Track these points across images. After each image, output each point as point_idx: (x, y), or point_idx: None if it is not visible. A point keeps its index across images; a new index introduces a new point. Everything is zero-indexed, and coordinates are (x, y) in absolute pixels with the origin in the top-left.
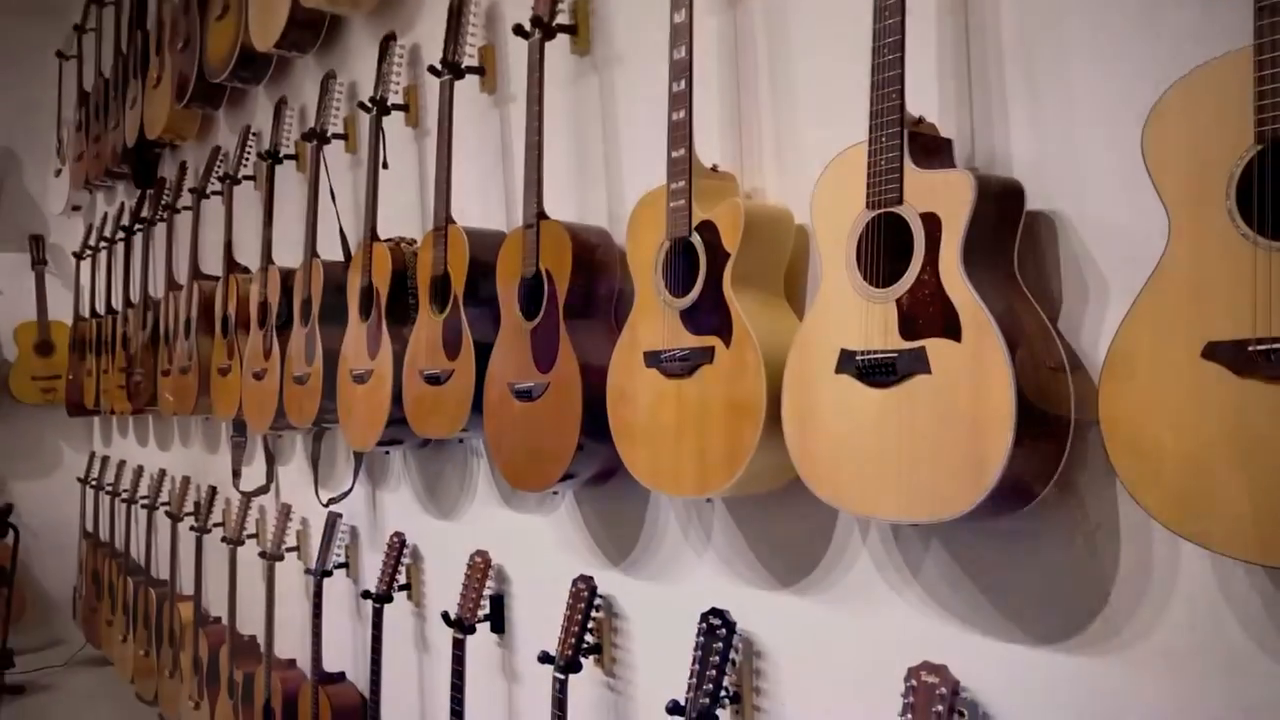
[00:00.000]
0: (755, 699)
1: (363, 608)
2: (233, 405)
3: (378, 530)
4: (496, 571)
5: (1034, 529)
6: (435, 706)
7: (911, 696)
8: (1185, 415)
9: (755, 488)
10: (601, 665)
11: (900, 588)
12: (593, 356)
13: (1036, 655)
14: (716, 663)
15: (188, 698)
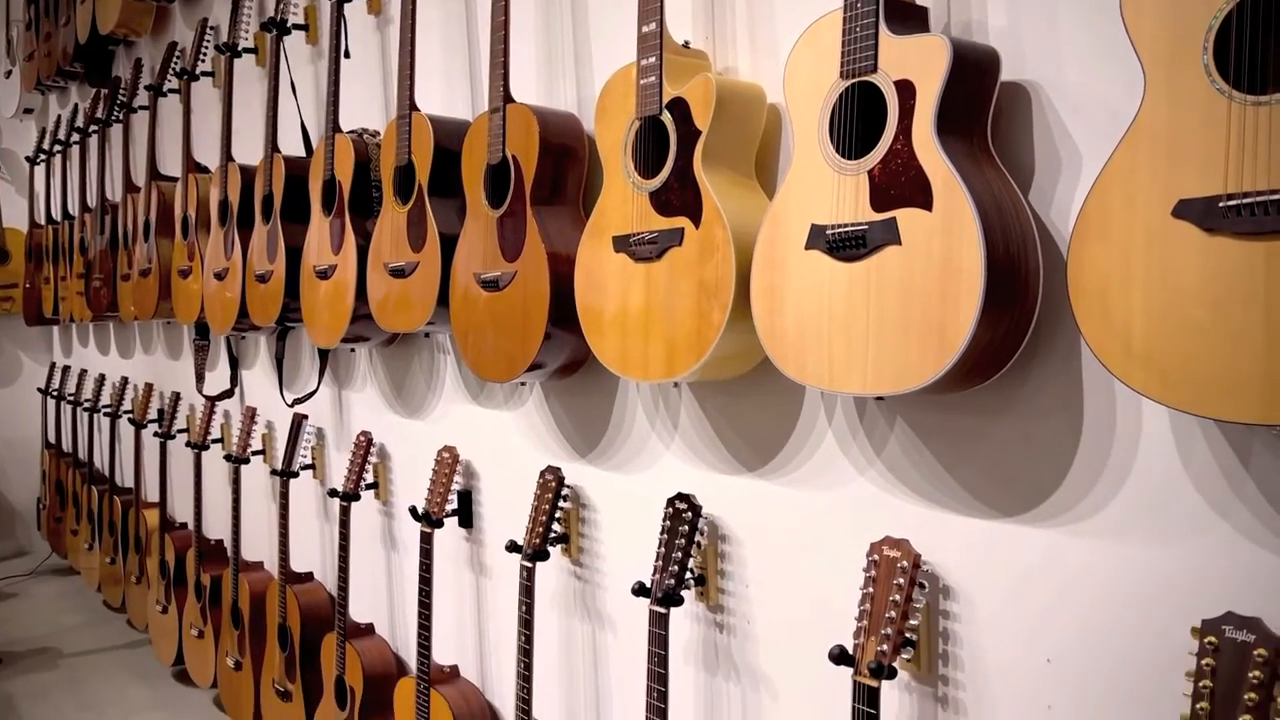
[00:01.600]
0: (720, 581)
1: (330, 508)
2: (194, 308)
3: (344, 431)
4: (464, 467)
5: (997, 403)
6: (404, 602)
7: (873, 570)
8: (1154, 275)
9: (722, 373)
10: (569, 554)
11: (863, 467)
12: (560, 244)
13: (997, 528)
14: (682, 545)
15: (155, 603)
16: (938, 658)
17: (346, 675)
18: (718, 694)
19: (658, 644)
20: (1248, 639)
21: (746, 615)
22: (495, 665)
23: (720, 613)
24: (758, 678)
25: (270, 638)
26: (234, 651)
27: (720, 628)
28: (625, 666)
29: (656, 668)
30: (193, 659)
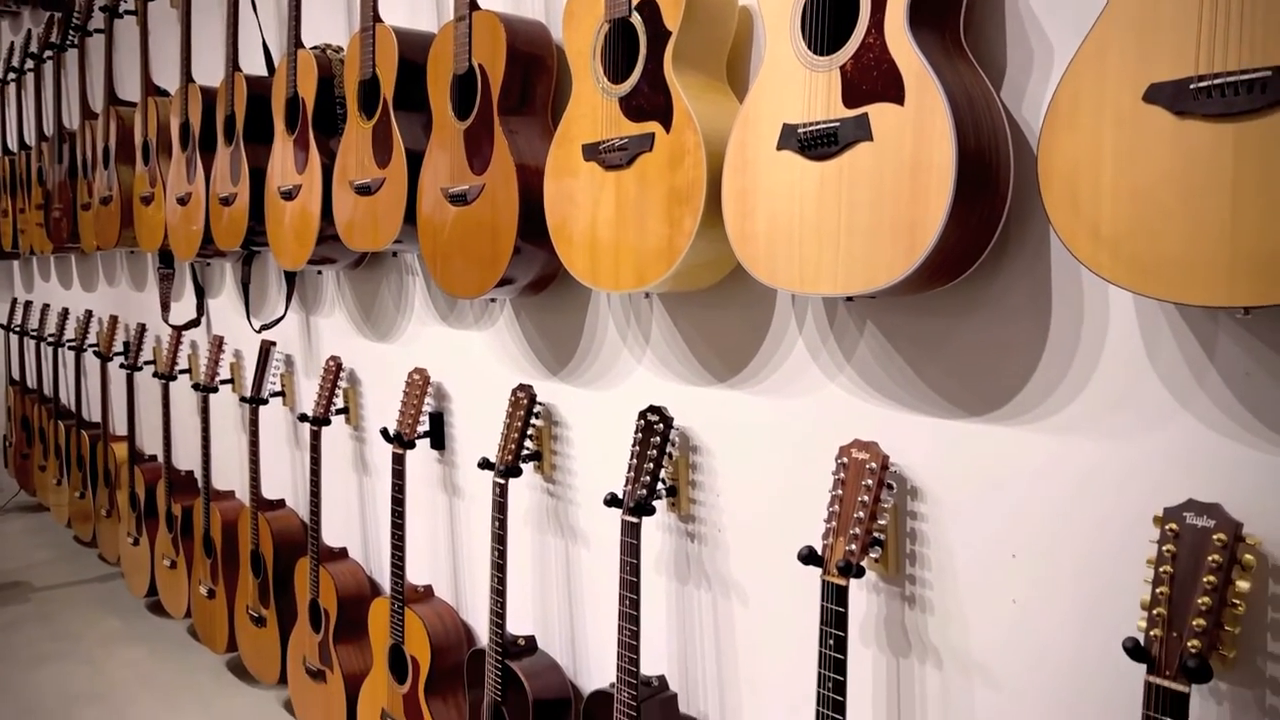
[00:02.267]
0: (691, 491)
1: (300, 435)
2: (157, 236)
3: (313, 357)
4: (435, 389)
5: (966, 304)
6: (377, 525)
7: (842, 473)
8: (1124, 161)
9: (694, 283)
10: (541, 471)
11: (833, 373)
12: (529, 155)
13: (964, 427)
14: (654, 457)
15: (126, 535)
16: (905, 557)
17: (320, 598)
18: (689, 601)
19: (630, 553)
20: (1207, 524)
21: (717, 524)
22: (469, 584)
23: (691, 522)
24: (728, 584)
25: (243, 565)
26: (207, 580)
27: (691, 537)
28: (598, 579)
29: (629, 576)
30: (166, 590)
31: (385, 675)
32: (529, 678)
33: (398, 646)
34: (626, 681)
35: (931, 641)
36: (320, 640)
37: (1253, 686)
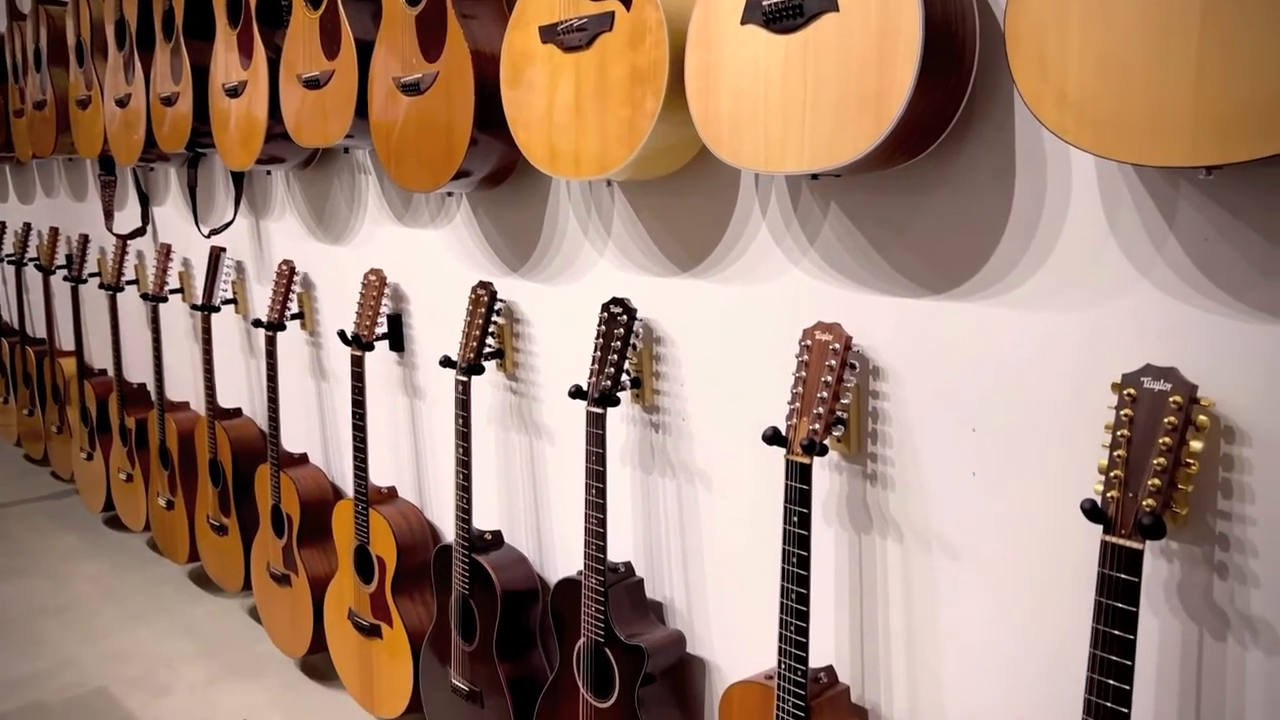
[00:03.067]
0: (655, 383)
1: (255, 343)
2: (96, 141)
3: (265, 262)
4: (393, 290)
5: (930, 181)
6: (337, 431)
7: (806, 355)
8: (1092, 20)
9: (656, 169)
10: (504, 369)
11: (797, 257)
12: (484, 41)
13: (927, 305)
14: (618, 348)
15: (79, 451)
16: (867, 436)
17: (283, 504)
18: (654, 490)
19: (595, 443)
20: (1164, 388)
21: (682, 413)
22: (433, 485)
23: (656, 413)
24: (692, 472)
25: (202, 475)
26: (165, 491)
27: (656, 427)
28: (563, 474)
29: (595, 466)
30: (123, 503)
31: (351, 576)
32: (496, 570)
33: (363, 547)
34: (594, 568)
35: (893, 516)
36: (284, 545)
37: (1202, 544)
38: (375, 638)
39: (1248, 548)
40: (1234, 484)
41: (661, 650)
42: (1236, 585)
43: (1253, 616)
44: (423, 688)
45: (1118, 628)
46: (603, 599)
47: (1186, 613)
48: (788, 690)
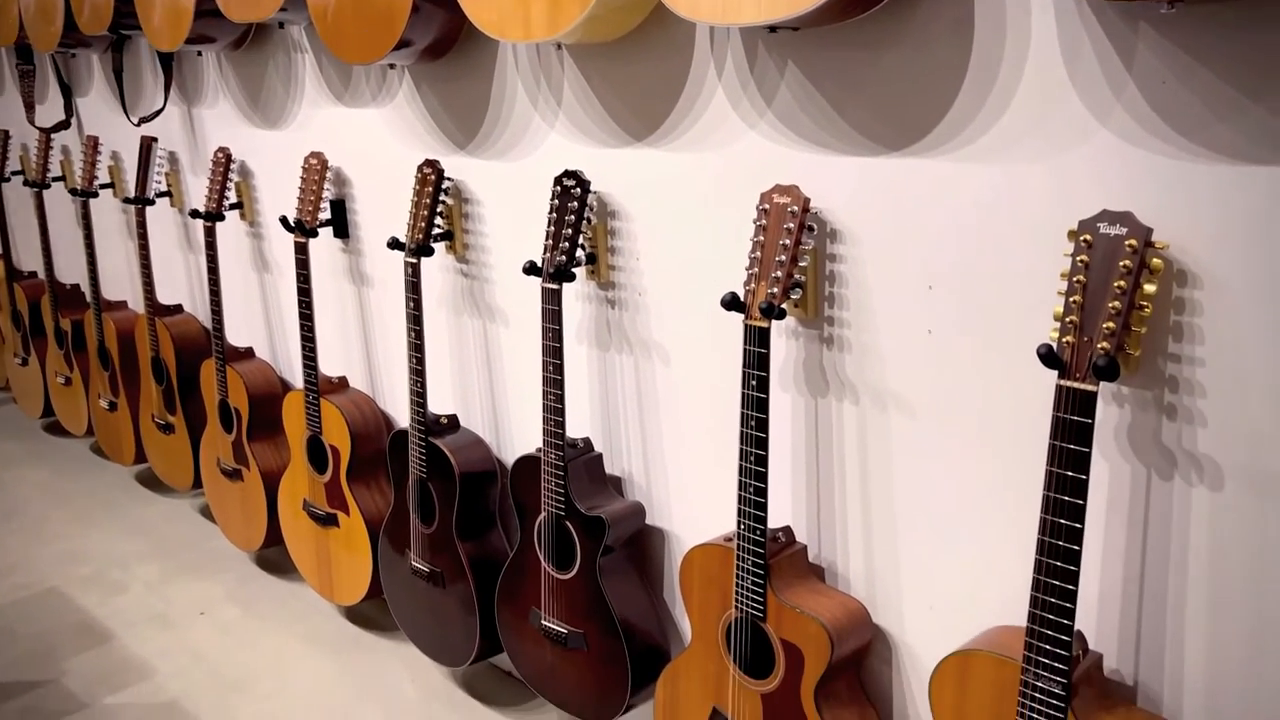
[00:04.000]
0: (610, 258)
1: (194, 237)
2: (11, 26)
3: (199, 151)
4: (335, 174)
5: (889, 36)
6: (283, 323)
7: (763, 219)
8: None
9: (609, 30)
10: (454, 251)
11: (754, 120)
12: None
13: (885, 164)
14: (571, 222)
15: (13, 357)
16: (824, 300)
17: (230, 398)
18: (611, 367)
19: (551, 320)
20: (1119, 232)
21: (638, 288)
22: (385, 374)
23: (612, 289)
24: (650, 347)
25: (144, 374)
26: (107, 393)
27: (612, 304)
28: (518, 355)
29: (551, 342)
30: (63, 408)
31: (305, 467)
32: (453, 452)
33: (315, 438)
34: (552, 444)
35: (849, 379)
36: (234, 440)
37: (1152, 387)
38: (332, 527)
39: (1196, 389)
40: (1184, 326)
41: (621, 521)
42: (1184, 426)
43: (1199, 455)
44: (382, 573)
45: (1070, 469)
46: (562, 474)
47: (1136, 455)
48: (747, 550)
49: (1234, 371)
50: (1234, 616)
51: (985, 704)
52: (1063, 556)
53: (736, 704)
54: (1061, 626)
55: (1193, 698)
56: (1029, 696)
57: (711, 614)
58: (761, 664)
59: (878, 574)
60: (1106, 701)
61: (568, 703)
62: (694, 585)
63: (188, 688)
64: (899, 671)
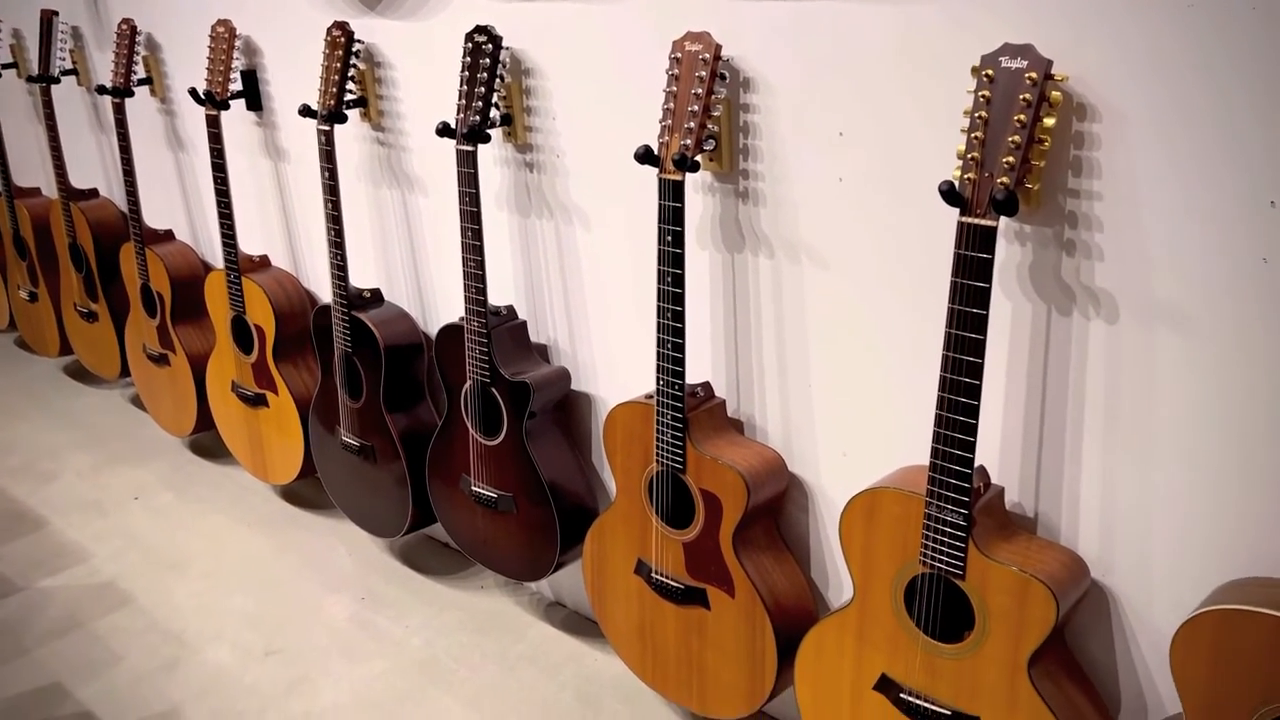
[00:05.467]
0: (527, 119)
1: (104, 118)
2: None
3: (103, 25)
4: (244, 43)
5: None
6: (201, 203)
7: (675, 68)
8: None
9: None
10: (369, 119)
11: None
12: None
13: (793, 7)
14: (484, 80)
15: None
16: (739, 153)
17: (152, 282)
18: (532, 233)
19: (467, 183)
20: (1020, 65)
21: (556, 149)
22: (307, 251)
23: (530, 151)
24: (570, 210)
25: (63, 262)
26: (25, 284)
27: (530, 167)
28: (440, 224)
29: (469, 207)
30: None
31: (231, 349)
32: (378, 326)
33: (240, 318)
34: (475, 311)
35: (764, 232)
36: (158, 325)
37: (1052, 224)
38: (261, 407)
39: (1094, 223)
40: (1083, 161)
41: (546, 385)
42: (1083, 261)
43: (1096, 289)
44: (314, 451)
45: (972, 305)
46: (486, 341)
47: (1037, 293)
48: (666, 405)
49: (1130, 204)
50: (1126, 445)
51: (892, 538)
52: (964, 391)
53: (660, 553)
54: (962, 460)
55: (1088, 525)
56: (931, 528)
57: (634, 469)
58: (682, 514)
59: (794, 424)
60: (1006, 531)
61: (501, 565)
62: (617, 442)
63: (124, 569)
64: (815, 517)
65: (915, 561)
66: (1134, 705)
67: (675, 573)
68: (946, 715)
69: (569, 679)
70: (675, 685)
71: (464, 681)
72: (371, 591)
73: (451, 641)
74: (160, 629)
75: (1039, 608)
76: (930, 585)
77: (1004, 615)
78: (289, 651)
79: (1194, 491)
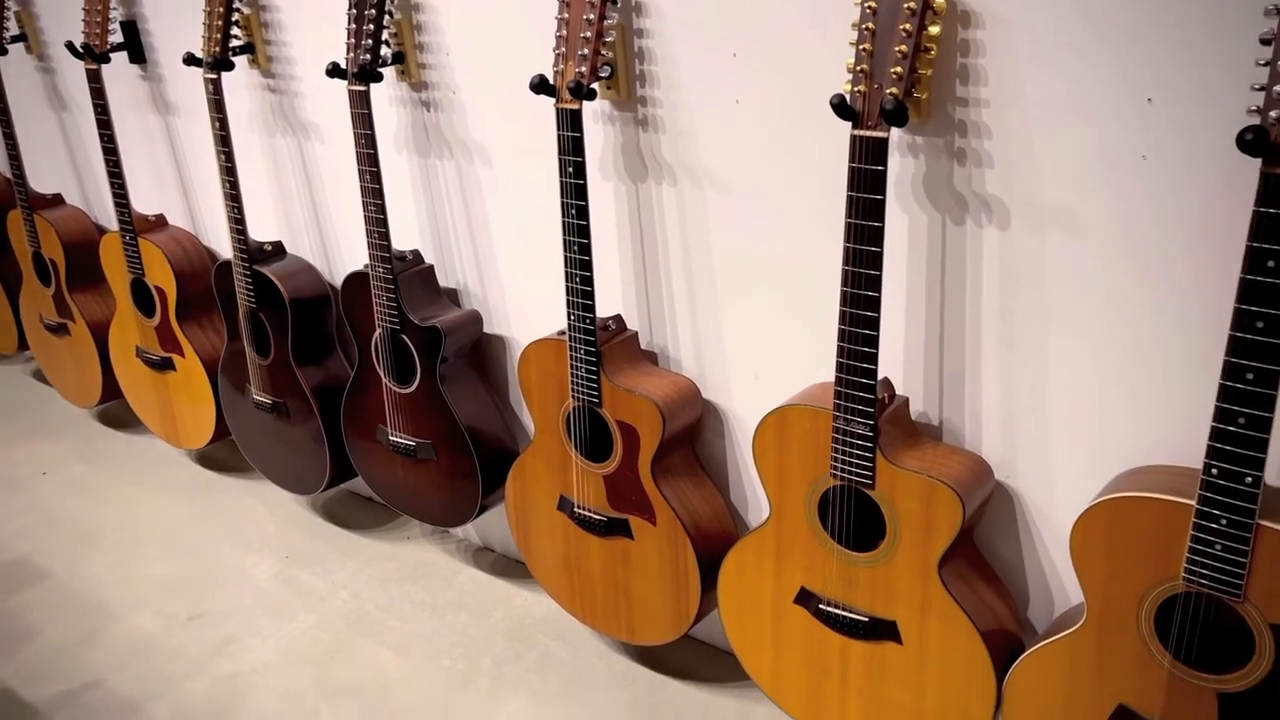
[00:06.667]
0: (420, 55)
1: None
2: None
3: None
4: None
5: None
6: (89, 164)
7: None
8: None
9: None
10: (258, 66)
11: None
12: None
13: None
14: (373, 17)
15: None
16: (635, 80)
17: (43, 249)
18: (434, 174)
19: (362, 124)
20: None
21: (451, 86)
22: (204, 208)
23: (425, 90)
24: (470, 148)
25: None
26: None
27: (427, 106)
28: (338, 171)
29: (365, 149)
30: None
31: (132, 312)
32: (282, 280)
33: (139, 280)
34: (379, 258)
35: (665, 160)
36: (54, 293)
37: (943, 134)
38: (168, 371)
39: (982, 130)
40: (970, 69)
41: (458, 329)
42: (973, 169)
43: (987, 196)
44: (226, 412)
45: (867, 218)
46: (393, 287)
47: (931, 204)
48: (578, 340)
49: (1016, 110)
50: (1022, 348)
51: (803, 454)
52: (864, 304)
53: (581, 488)
54: (866, 372)
55: (990, 429)
56: (840, 441)
57: (551, 407)
58: (601, 448)
59: (705, 352)
60: (912, 440)
61: (425, 513)
62: (532, 381)
63: (37, 544)
64: (731, 441)
65: (826, 475)
66: (1040, 599)
67: (597, 506)
68: (864, 621)
69: (500, 620)
70: (604, 617)
71: (394, 631)
72: (295, 549)
73: (380, 592)
74: (79, 601)
75: (946, 510)
76: (842, 497)
77: (913, 520)
78: (214, 614)
79: (1088, 389)
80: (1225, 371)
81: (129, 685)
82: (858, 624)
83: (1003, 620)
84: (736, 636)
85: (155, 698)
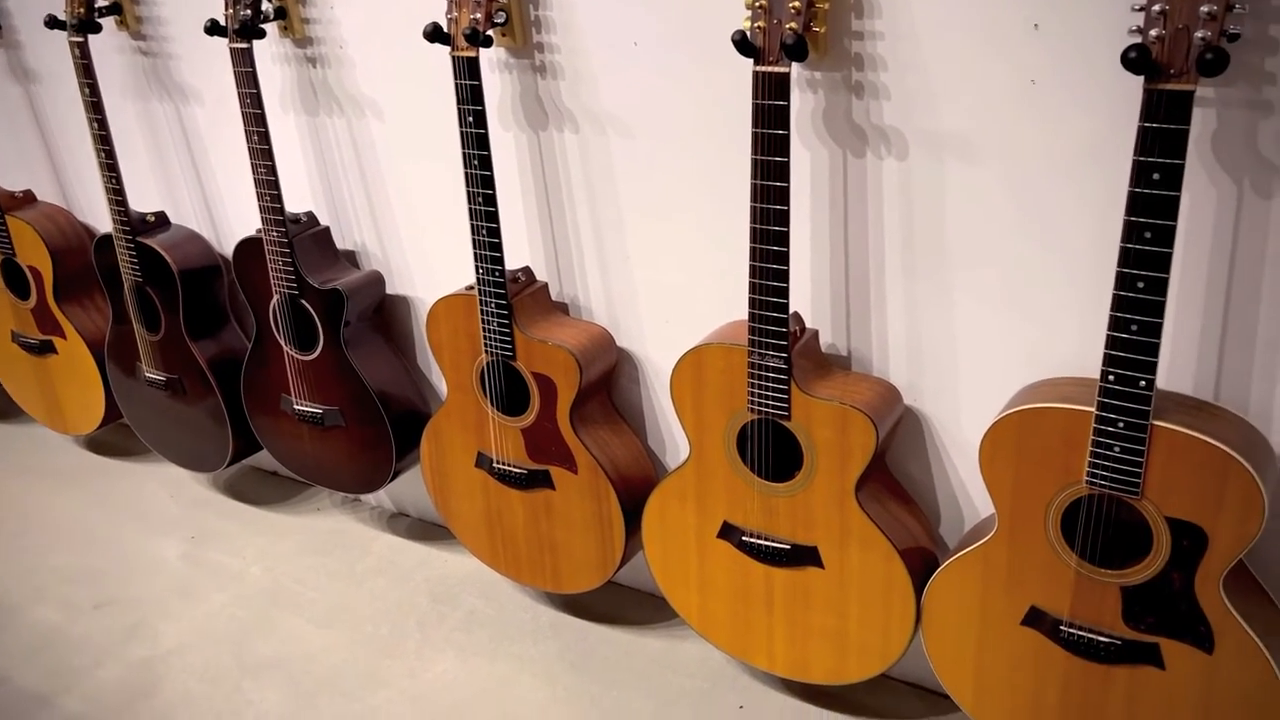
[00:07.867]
0: (302, 10)
1: None
2: None
3: None
4: None
5: None
6: None
7: None
8: None
9: None
10: (126, 27)
11: None
12: None
13: None
14: None
15: None
16: (531, 25)
17: None
18: (324, 133)
19: (246, 84)
20: None
21: (339, 40)
22: (77, 181)
23: (310, 45)
24: (361, 104)
25: None
26: None
27: (313, 62)
28: (220, 135)
29: (251, 109)
30: None
31: (5, 295)
32: (168, 250)
33: (10, 261)
34: (273, 221)
35: (566, 106)
36: None
37: (841, 68)
38: (49, 354)
39: (879, 63)
40: (864, 2)
41: (360, 290)
42: (871, 101)
43: (886, 127)
44: (116, 393)
45: (772, 154)
46: (288, 251)
47: (832, 138)
48: (489, 294)
49: (910, 41)
50: (924, 274)
51: (720, 391)
52: (773, 240)
53: (499, 443)
54: (778, 306)
55: (897, 356)
56: (755, 375)
57: (464, 364)
58: (517, 401)
59: (616, 299)
60: (823, 371)
61: (337, 482)
62: (443, 339)
63: None
64: (646, 386)
65: (744, 410)
66: (952, 515)
67: (517, 459)
68: (786, 549)
69: (421, 582)
70: (529, 569)
71: (313, 602)
72: (201, 529)
73: (294, 566)
74: None
75: (859, 435)
76: (759, 430)
77: (829, 447)
78: (121, 600)
79: (990, 311)
80: (1118, 282)
81: (36, 679)
82: (780, 552)
83: (918, 538)
84: (662, 576)
85: (65, 690)
